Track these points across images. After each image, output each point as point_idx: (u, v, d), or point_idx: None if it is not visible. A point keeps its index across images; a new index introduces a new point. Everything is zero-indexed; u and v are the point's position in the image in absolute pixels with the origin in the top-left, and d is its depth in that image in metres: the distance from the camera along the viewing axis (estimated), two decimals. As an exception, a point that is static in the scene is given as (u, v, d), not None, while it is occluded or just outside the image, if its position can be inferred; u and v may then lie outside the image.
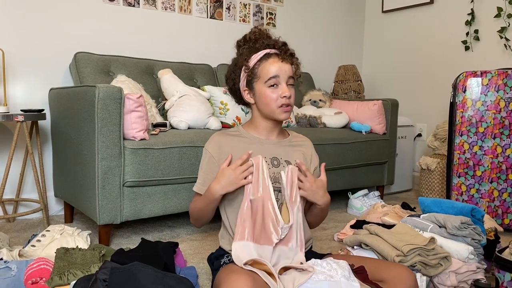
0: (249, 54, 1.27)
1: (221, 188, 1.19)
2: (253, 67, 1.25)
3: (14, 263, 1.35)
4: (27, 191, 2.39)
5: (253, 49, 1.27)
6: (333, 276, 1.01)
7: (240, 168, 1.18)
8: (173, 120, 2.20)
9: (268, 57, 1.24)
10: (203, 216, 1.29)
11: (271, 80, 1.23)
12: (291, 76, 1.25)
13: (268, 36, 1.30)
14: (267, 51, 1.25)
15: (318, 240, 2.03)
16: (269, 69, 1.23)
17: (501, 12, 2.91)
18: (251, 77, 1.26)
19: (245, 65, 1.26)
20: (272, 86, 1.23)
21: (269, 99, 1.24)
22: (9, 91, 2.30)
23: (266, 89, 1.24)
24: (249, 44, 1.28)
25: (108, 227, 1.87)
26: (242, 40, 1.32)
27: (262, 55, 1.25)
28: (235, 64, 1.31)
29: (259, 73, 1.24)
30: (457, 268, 1.44)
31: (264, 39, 1.28)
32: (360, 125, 2.76)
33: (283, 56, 1.24)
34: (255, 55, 1.25)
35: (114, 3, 2.60)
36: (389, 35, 3.75)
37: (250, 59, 1.26)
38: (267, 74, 1.23)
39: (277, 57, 1.24)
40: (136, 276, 1.08)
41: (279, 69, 1.23)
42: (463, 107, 2.28)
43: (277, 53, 1.25)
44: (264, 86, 1.24)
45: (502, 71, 2.23)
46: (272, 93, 1.23)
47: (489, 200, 2.26)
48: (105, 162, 1.78)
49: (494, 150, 2.23)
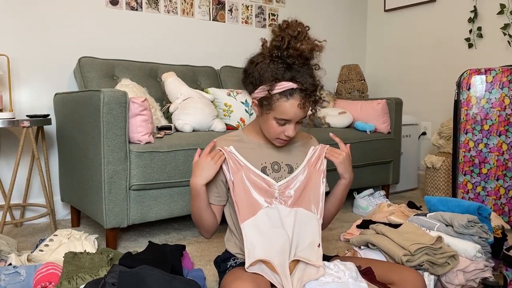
0: (275, 77, 1.13)
1: (200, 178, 1.16)
2: (273, 95, 1.13)
3: (23, 268, 1.36)
4: (34, 196, 2.41)
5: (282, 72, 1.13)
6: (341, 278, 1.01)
7: (210, 154, 1.18)
8: (177, 123, 2.21)
9: (291, 94, 1.12)
10: (201, 219, 1.23)
11: (282, 121, 1.16)
12: (303, 117, 1.18)
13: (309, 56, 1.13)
14: (292, 87, 1.12)
15: (325, 240, 2.03)
16: (285, 110, 1.13)
17: (504, 9, 2.90)
18: (266, 102, 1.15)
19: (269, 89, 1.13)
20: (281, 121, 1.17)
21: (271, 130, 1.19)
22: (15, 97, 2.32)
23: (273, 121, 1.17)
24: (281, 53, 1.12)
25: (115, 231, 1.88)
26: (280, 45, 1.12)
27: (287, 89, 1.12)
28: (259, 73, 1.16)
29: (275, 106, 1.14)
30: (464, 267, 1.44)
31: (299, 59, 1.12)
32: (364, 124, 2.76)
33: (305, 102, 1.13)
34: (279, 86, 1.12)
35: (117, 7, 2.61)
36: (392, 33, 3.74)
37: (274, 88, 1.13)
38: (280, 114, 1.14)
39: (301, 102, 1.12)
40: (144, 280, 1.09)
41: (294, 115, 1.14)
42: (468, 105, 2.28)
43: (301, 91, 1.12)
44: (272, 119, 1.17)
45: (506, 68, 2.22)
46: (278, 127, 1.18)
47: (496, 197, 2.25)
48: (111, 166, 1.78)
49: (499, 147, 2.23)
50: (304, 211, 1.18)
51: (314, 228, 1.17)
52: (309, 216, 1.18)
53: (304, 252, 1.12)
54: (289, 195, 1.19)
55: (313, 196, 1.21)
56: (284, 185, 1.20)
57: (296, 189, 1.20)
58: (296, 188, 1.21)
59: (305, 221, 1.17)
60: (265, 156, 1.26)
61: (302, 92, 1.12)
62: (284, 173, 1.24)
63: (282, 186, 1.20)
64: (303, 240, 1.15)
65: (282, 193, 1.19)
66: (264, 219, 1.15)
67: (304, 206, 1.19)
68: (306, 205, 1.20)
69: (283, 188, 1.20)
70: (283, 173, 1.25)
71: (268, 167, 1.24)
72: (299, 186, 1.21)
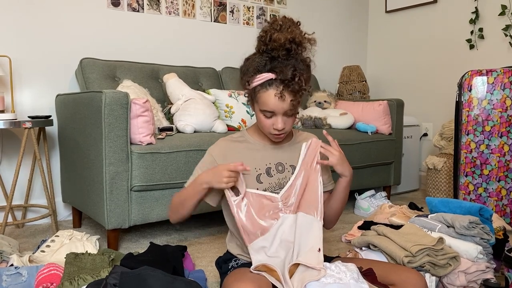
0: (256, 70, 1.15)
1: (208, 178, 1.14)
2: (254, 88, 1.16)
3: (25, 268, 1.36)
4: (36, 197, 2.41)
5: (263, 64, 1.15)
6: (342, 279, 1.01)
7: (230, 172, 1.12)
8: (179, 124, 2.21)
9: (270, 85, 1.13)
10: (182, 208, 1.21)
11: (266, 112, 1.17)
12: (289, 109, 1.15)
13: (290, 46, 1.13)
14: (270, 77, 1.13)
15: (326, 242, 2.02)
16: (266, 101, 1.14)
17: (506, 10, 2.90)
18: (251, 96, 1.20)
19: (247, 84, 1.18)
20: (268, 114, 1.17)
21: (262, 124, 1.20)
22: (16, 98, 2.32)
23: (260, 115, 1.18)
24: (267, 47, 1.14)
25: (117, 232, 1.88)
26: (263, 39, 1.16)
27: (264, 81, 1.14)
28: (246, 72, 1.19)
29: (257, 98, 1.17)
30: (466, 268, 1.43)
31: (282, 50, 1.13)
32: (365, 125, 2.76)
33: (283, 92, 1.12)
34: (258, 78, 1.14)
35: (118, 8, 2.62)
36: (393, 35, 3.74)
37: (252, 79, 1.16)
38: (262, 105, 1.16)
39: (278, 91, 1.12)
40: (146, 281, 1.09)
41: (276, 106, 1.14)
42: (469, 106, 2.28)
43: (280, 82, 1.12)
44: (259, 112, 1.18)
45: (507, 69, 2.22)
46: (266, 120, 1.18)
47: (497, 199, 2.25)
48: (112, 167, 1.79)
49: (501, 148, 2.22)
50: (304, 215, 1.18)
51: (315, 233, 1.17)
52: (309, 220, 1.18)
53: (305, 257, 1.12)
54: (291, 202, 1.20)
55: (312, 198, 1.20)
56: (285, 194, 1.20)
57: (297, 195, 1.20)
58: (297, 193, 1.21)
59: (305, 226, 1.17)
60: (269, 157, 1.26)
61: (281, 83, 1.12)
62: (288, 174, 1.25)
63: (283, 196, 1.20)
64: (304, 245, 1.15)
65: (285, 203, 1.20)
66: (270, 238, 1.16)
67: (304, 209, 1.19)
68: (306, 209, 1.19)
69: (284, 198, 1.20)
70: (287, 173, 1.25)
71: (272, 167, 1.25)
72: (299, 191, 1.21)
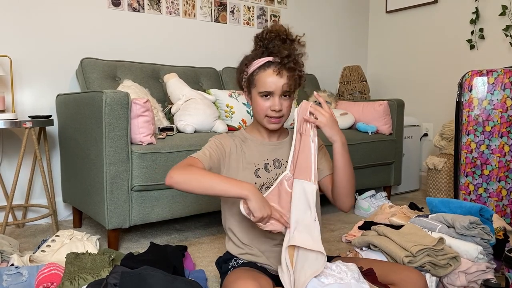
0: (253, 58, 1.24)
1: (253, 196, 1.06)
2: (252, 73, 1.23)
3: (25, 268, 1.36)
4: (36, 197, 2.41)
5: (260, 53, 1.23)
6: (343, 279, 1.01)
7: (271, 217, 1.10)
8: (179, 124, 2.21)
9: (268, 66, 1.21)
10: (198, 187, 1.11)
11: (265, 92, 1.22)
12: (286, 90, 1.21)
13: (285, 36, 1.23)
14: (268, 60, 1.21)
15: (326, 242, 2.03)
16: (265, 81, 1.20)
17: (506, 10, 2.90)
18: (249, 82, 1.26)
19: (245, 70, 1.26)
20: (265, 96, 1.22)
21: (259, 108, 1.23)
22: (17, 98, 2.32)
23: (259, 98, 1.23)
24: (264, 43, 1.24)
25: (117, 232, 1.88)
26: (259, 36, 1.26)
27: (263, 63, 1.22)
28: (245, 63, 1.28)
29: (255, 81, 1.23)
30: (466, 268, 1.43)
31: (277, 41, 1.22)
32: (366, 125, 2.76)
33: (281, 69, 1.19)
34: (256, 62, 1.23)
35: (119, 8, 2.62)
36: (394, 35, 3.74)
37: (250, 65, 1.24)
38: (261, 86, 1.21)
39: (276, 68, 1.20)
40: (146, 280, 1.09)
41: (274, 84, 1.20)
42: (470, 106, 2.28)
43: (278, 61, 1.20)
44: (257, 95, 1.23)
45: (508, 69, 2.22)
46: (264, 102, 1.22)
47: (498, 199, 2.25)
48: (113, 167, 1.79)
49: (501, 149, 2.22)
50: (300, 181, 1.16)
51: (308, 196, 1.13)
52: (304, 186, 1.15)
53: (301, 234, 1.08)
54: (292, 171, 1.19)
55: (305, 162, 1.18)
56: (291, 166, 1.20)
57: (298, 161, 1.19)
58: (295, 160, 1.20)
59: (301, 193, 1.15)
60: (267, 153, 1.29)
61: (278, 63, 1.20)
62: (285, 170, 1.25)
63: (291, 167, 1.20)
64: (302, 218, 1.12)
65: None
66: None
67: (301, 175, 1.17)
68: (303, 174, 1.17)
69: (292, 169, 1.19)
70: (284, 169, 1.26)
71: (270, 163, 1.28)
72: (298, 158, 1.20)
